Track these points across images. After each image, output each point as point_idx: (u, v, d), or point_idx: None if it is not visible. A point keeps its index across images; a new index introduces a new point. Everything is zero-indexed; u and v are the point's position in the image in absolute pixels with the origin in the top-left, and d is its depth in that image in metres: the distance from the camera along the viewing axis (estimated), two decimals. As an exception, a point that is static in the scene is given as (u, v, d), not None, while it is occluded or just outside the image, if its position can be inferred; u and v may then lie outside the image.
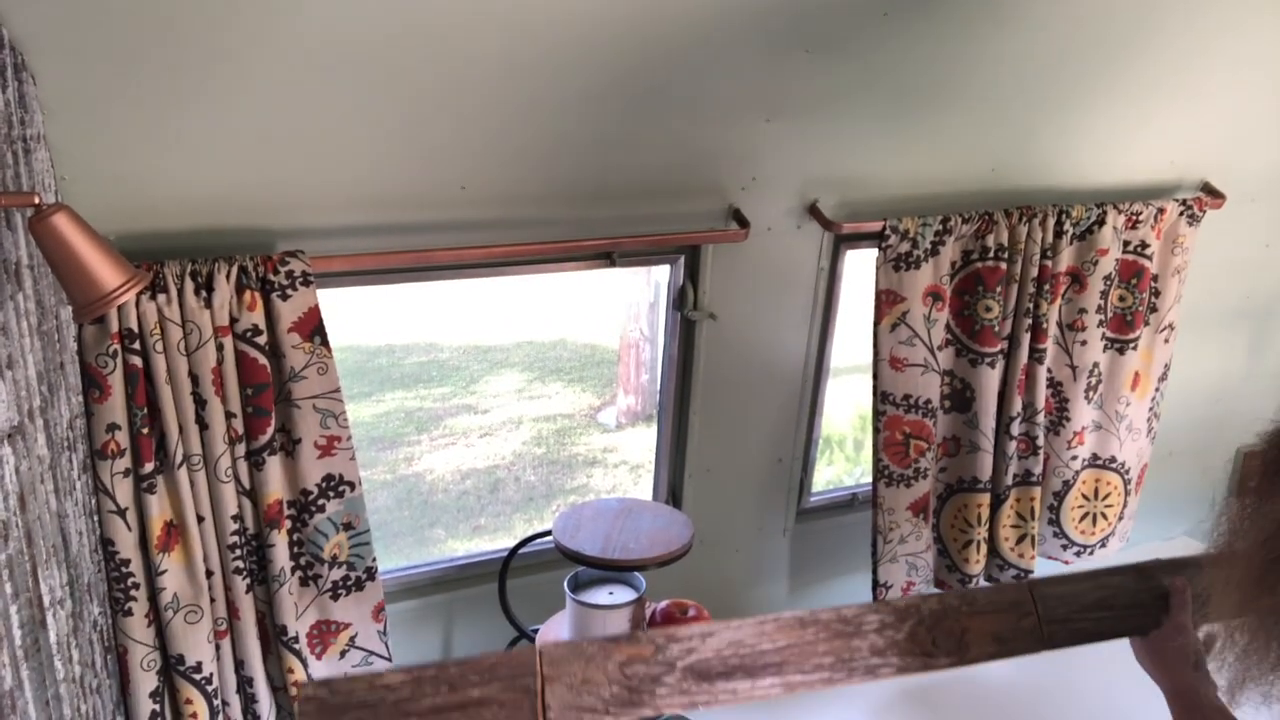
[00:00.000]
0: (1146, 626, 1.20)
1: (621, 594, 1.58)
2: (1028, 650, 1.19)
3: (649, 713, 1.09)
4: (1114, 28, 1.59)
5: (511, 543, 1.70)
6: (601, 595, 1.58)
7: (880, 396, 1.80)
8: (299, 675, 1.47)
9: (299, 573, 1.48)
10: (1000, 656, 1.19)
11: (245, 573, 1.40)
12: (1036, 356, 1.84)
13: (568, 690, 1.07)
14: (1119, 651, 2.10)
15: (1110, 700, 1.90)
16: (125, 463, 1.28)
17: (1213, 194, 1.97)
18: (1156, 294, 1.95)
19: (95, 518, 1.28)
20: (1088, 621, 1.21)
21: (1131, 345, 1.94)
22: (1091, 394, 1.94)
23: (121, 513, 1.29)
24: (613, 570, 1.58)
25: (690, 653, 1.10)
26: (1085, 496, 2.03)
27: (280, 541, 1.42)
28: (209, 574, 1.37)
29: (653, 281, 1.81)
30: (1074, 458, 1.97)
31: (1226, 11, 1.63)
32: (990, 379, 1.81)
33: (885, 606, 1.15)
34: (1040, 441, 1.92)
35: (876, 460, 1.83)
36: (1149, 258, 1.89)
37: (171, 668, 1.38)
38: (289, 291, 1.33)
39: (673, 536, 1.59)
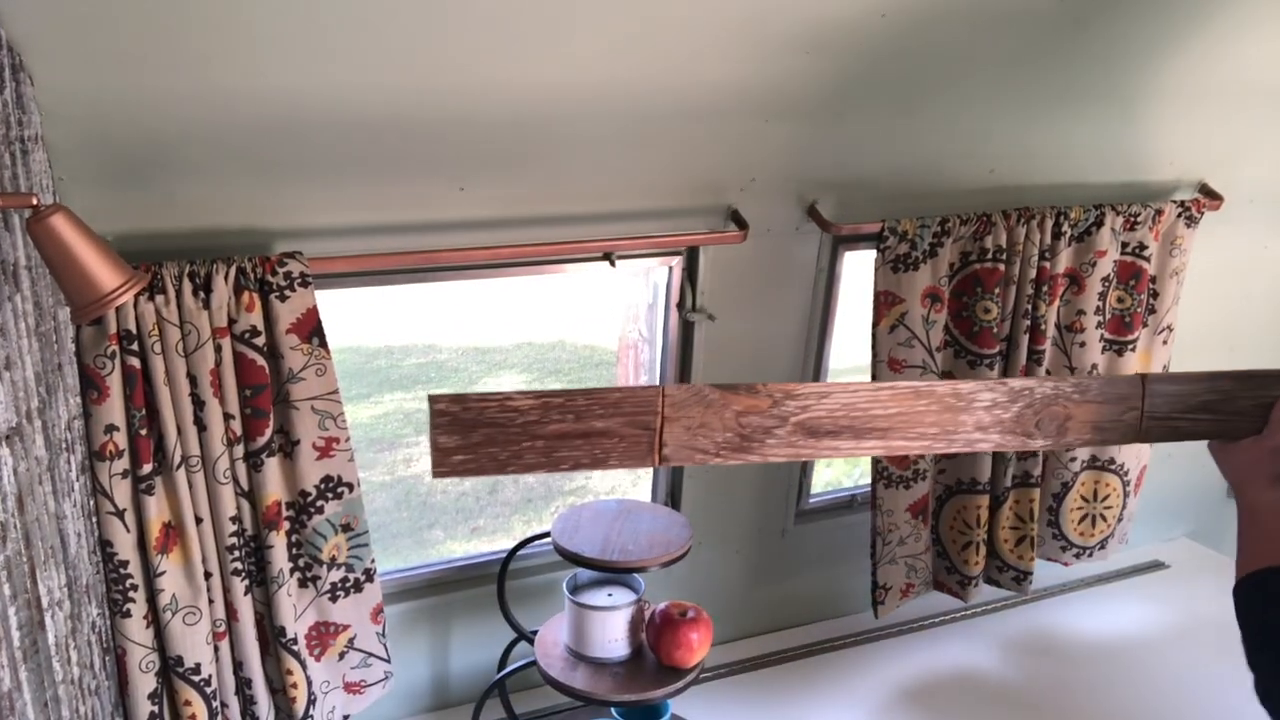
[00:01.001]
0: (1241, 434, 1.21)
1: (620, 595, 1.58)
2: (1120, 442, 1.24)
3: (755, 459, 1.14)
4: (1114, 28, 1.59)
5: (510, 544, 1.70)
6: (600, 597, 1.58)
7: (879, 398, 1.80)
8: (298, 677, 1.47)
9: (297, 574, 1.48)
10: (1093, 444, 1.23)
11: (244, 574, 1.40)
12: (1035, 358, 1.84)
13: (684, 431, 1.11)
14: (1119, 651, 2.11)
15: (1111, 700, 1.90)
16: (123, 464, 1.28)
17: (1211, 195, 1.97)
18: (1155, 295, 1.95)
19: (94, 519, 1.28)
20: (1187, 422, 1.23)
21: (1130, 347, 1.94)
22: (1090, 395, 1.94)
23: (120, 514, 1.29)
24: (612, 572, 1.58)
25: (804, 410, 1.13)
26: (1084, 498, 2.03)
27: (279, 543, 1.42)
28: (207, 575, 1.37)
29: (651, 282, 1.81)
30: (1073, 459, 1.97)
31: (1225, 12, 1.64)
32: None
33: (1001, 386, 1.18)
34: (1039, 443, 1.92)
35: (875, 461, 1.83)
36: (1147, 259, 1.89)
37: (170, 669, 1.38)
38: (287, 292, 1.32)
39: (672, 538, 1.59)
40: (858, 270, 1.86)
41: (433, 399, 1.04)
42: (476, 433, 1.05)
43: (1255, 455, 1.18)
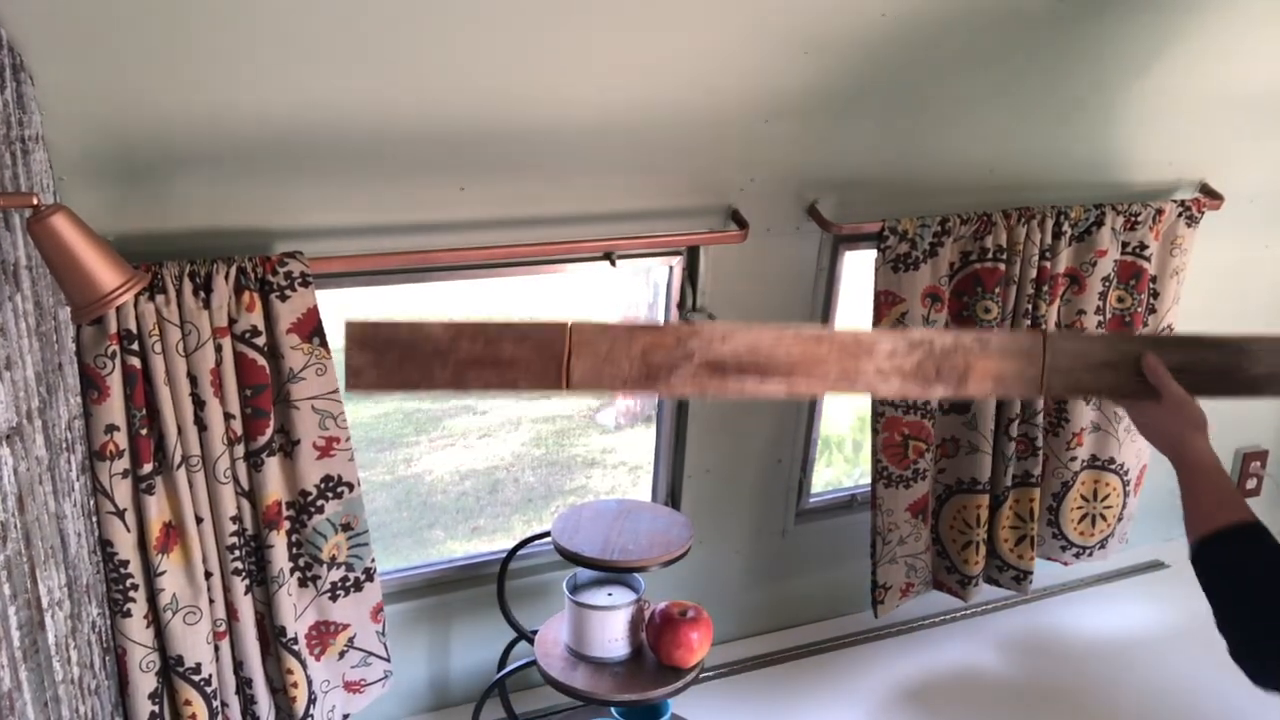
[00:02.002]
0: (1142, 394, 1.25)
1: (620, 595, 1.58)
2: (1023, 395, 1.28)
3: (662, 393, 1.19)
4: (1112, 29, 1.59)
5: (510, 544, 1.70)
6: (600, 596, 1.58)
7: (879, 398, 1.80)
8: (298, 676, 1.47)
9: (298, 574, 1.48)
10: (994, 396, 1.26)
11: (244, 574, 1.40)
12: (1035, 357, 1.84)
13: (591, 363, 1.16)
14: (1119, 651, 2.11)
15: (1111, 700, 1.90)
16: (124, 464, 1.28)
17: (1211, 195, 1.97)
18: (1155, 295, 1.95)
19: (94, 519, 1.28)
20: (1089, 377, 1.26)
21: (1130, 346, 1.94)
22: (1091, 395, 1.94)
23: (120, 514, 1.29)
24: (612, 571, 1.58)
25: (709, 349, 1.18)
26: (1084, 498, 2.03)
27: (279, 542, 1.42)
28: (208, 575, 1.37)
29: (652, 282, 1.81)
30: (1073, 459, 1.97)
31: (1225, 11, 1.64)
32: (989, 380, 1.81)
33: (900, 336, 1.22)
34: (1039, 443, 1.92)
35: (875, 461, 1.83)
36: (1147, 259, 1.89)
37: (170, 669, 1.38)
38: (288, 292, 1.32)
39: (672, 538, 1.59)
40: (858, 270, 1.86)
41: (349, 324, 1.10)
42: (389, 354, 1.11)
43: (1176, 411, 1.22)
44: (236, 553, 1.38)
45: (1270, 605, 1.04)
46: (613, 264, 1.60)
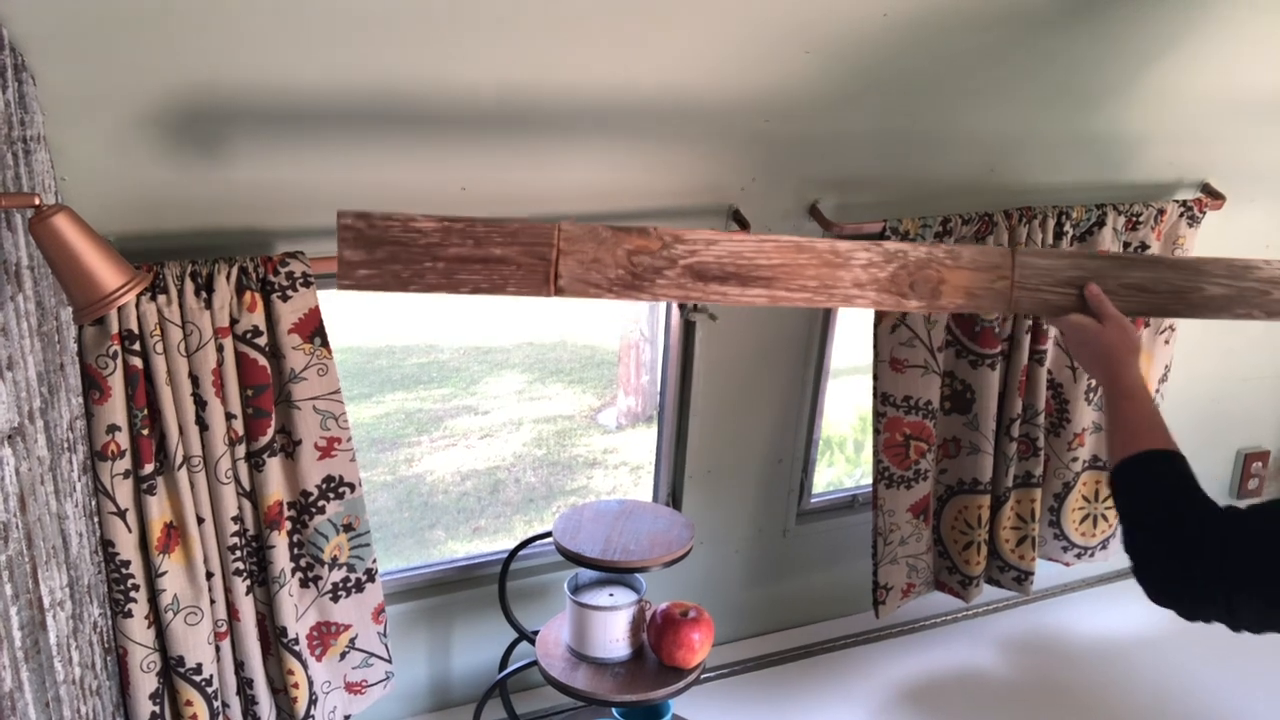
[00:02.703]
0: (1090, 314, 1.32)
1: (622, 595, 1.58)
2: (992, 309, 1.33)
3: (646, 298, 1.21)
4: (1111, 29, 1.59)
5: (512, 544, 1.70)
6: (602, 597, 1.58)
7: (880, 398, 1.80)
8: (299, 677, 1.47)
9: (299, 574, 1.48)
10: (965, 310, 1.33)
11: (245, 574, 1.40)
12: (1037, 358, 1.84)
13: (578, 265, 1.18)
14: (1119, 651, 2.11)
15: (1111, 700, 1.90)
16: (125, 464, 1.28)
17: (1213, 195, 1.97)
18: (1157, 295, 1.95)
19: (95, 519, 1.28)
20: (1055, 295, 1.33)
21: (1132, 346, 1.94)
22: (1092, 395, 1.94)
23: (121, 514, 1.29)
24: (613, 572, 1.58)
25: (693, 254, 1.21)
26: (1086, 498, 2.03)
27: (280, 543, 1.42)
28: (209, 575, 1.37)
29: (653, 283, 1.81)
30: (1074, 459, 1.97)
31: (1227, 11, 1.63)
32: (991, 380, 1.81)
33: (876, 247, 1.26)
34: (1041, 443, 1.92)
35: (877, 462, 1.83)
36: (1149, 259, 1.88)
37: (171, 669, 1.38)
38: (289, 292, 1.33)
39: (673, 538, 1.59)
40: (859, 270, 1.86)
41: (341, 214, 1.10)
42: (381, 249, 1.12)
43: (1117, 334, 1.26)
44: (238, 553, 1.38)
45: (1173, 528, 1.08)
46: (614, 264, 1.60)
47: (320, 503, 1.44)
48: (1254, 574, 1.00)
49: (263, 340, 1.33)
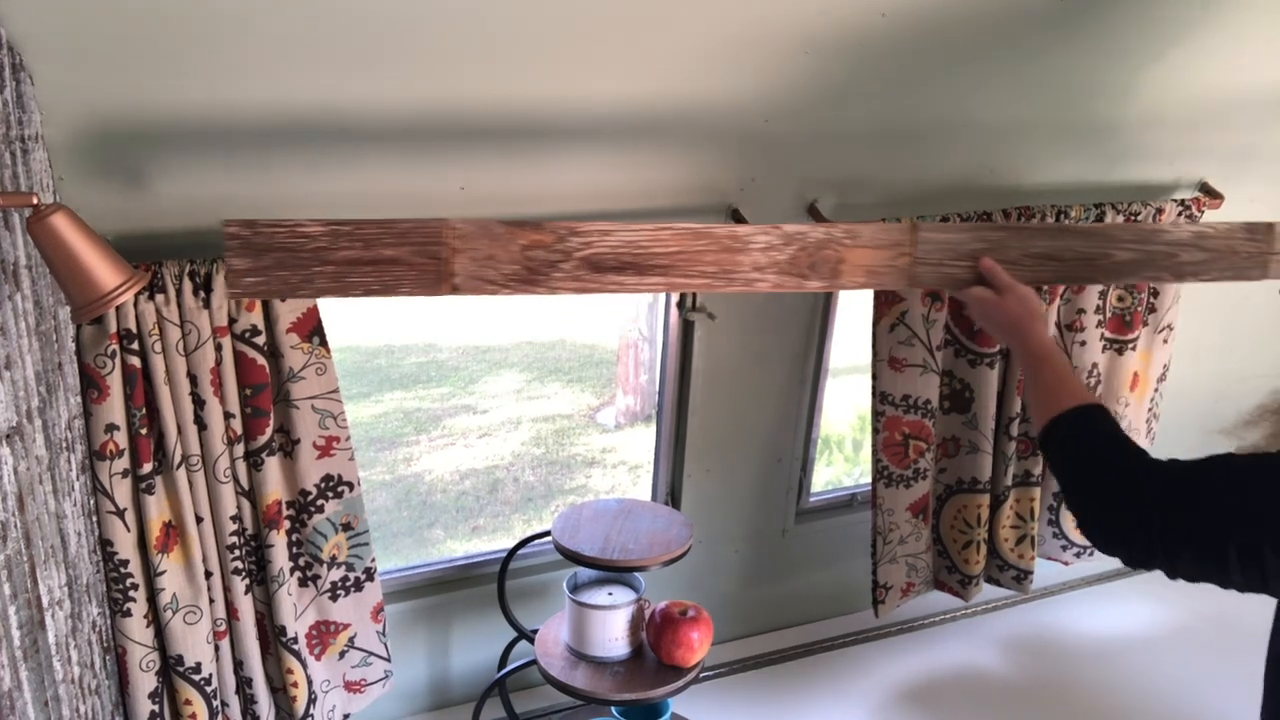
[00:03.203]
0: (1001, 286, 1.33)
1: (621, 594, 1.58)
2: (893, 285, 1.34)
3: (543, 292, 1.20)
4: (1111, 29, 1.59)
5: (510, 543, 1.70)
6: (601, 596, 1.58)
7: (879, 397, 1.80)
8: (298, 676, 1.47)
9: (298, 573, 1.48)
10: (867, 287, 1.33)
11: (244, 573, 1.40)
12: (1036, 357, 1.84)
13: (472, 262, 1.17)
14: (1119, 651, 2.11)
15: (1111, 700, 1.90)
16: (124, 463, 1.28)
17: (1211, 194, 1.97)
18: (1155, 294, 1.95)
19: (94, 518, 1.28)
20: (957, 269, 1.34)
21: (1130, 346, 1.94)
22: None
23: (120, 513, 1.29)
24: (612, 571, 1.58)
25: (588, 246, 1.21)
26: (1084, 497, 2.03)
27: (279, 542, 1.42)
28: (208, 574, 1.37)
29: (652, 282, 1.81)
30: (1073, 458, 1.97)
31: (1227, 10, 1.63)
32: (989, 379, 1.81)
33: (775, 230, 1.26)
34: (1039, 442, 1.92)
35: (876, 461, 1.83)
36: (1148, 258, 1.88)
37: (170, 668, 1.38)
38: (288, 292, 1.32)
39: (672, 537, 1.59)
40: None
41: (227, 223, 1.08)
42: (268, 256, 1.11)
43: (1018, 303, 1.29)
44: (236, 552, 1.38)
45: (1111, 478, 1.09)
46: (613, 263, 1.60)
47: (319, 502, 1.44)
48: (1184, 525, 1.01)
49: (261, 339, 1.33)
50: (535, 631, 1.64)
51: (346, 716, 1.60)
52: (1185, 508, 1.02)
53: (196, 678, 1.38)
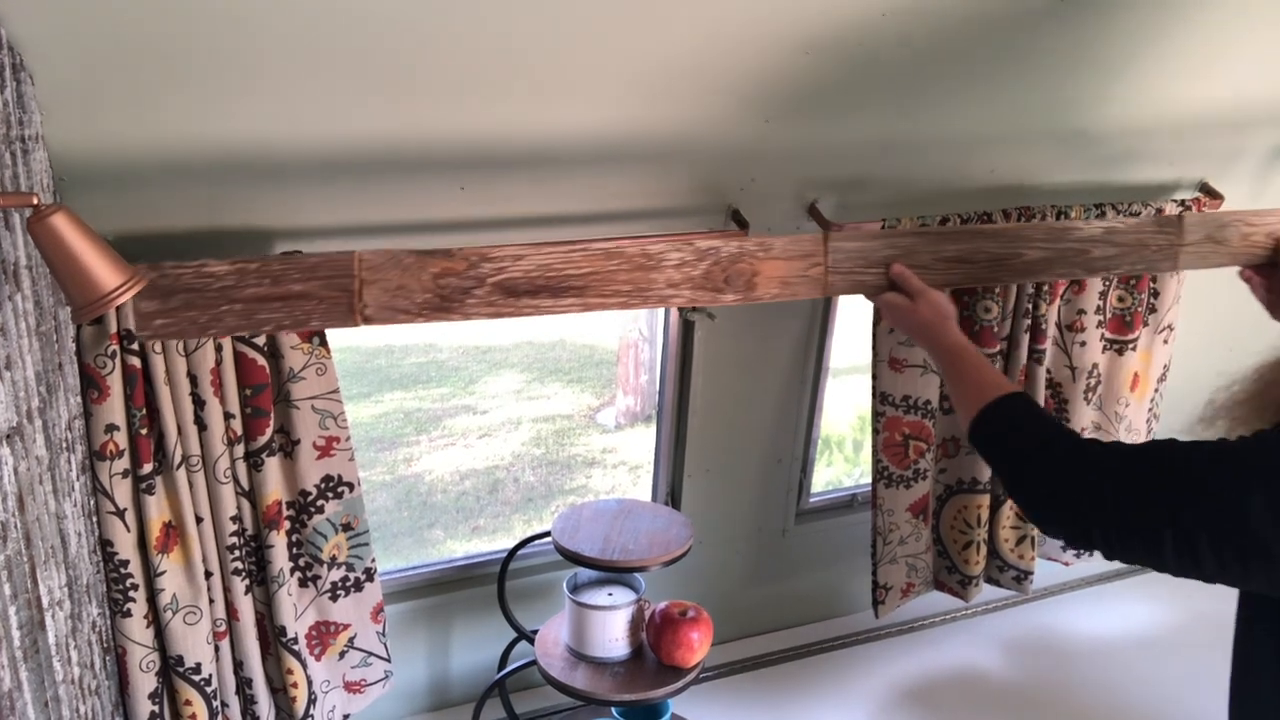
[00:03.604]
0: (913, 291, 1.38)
1: (621, 595, 1.58)
2: (808, 295, 1.37)
3: (457, 318, 1.21)
4: (1112, 29, 1.59)
5: (511, 543, 1.70)
6: (601, 596, 1.58)
7: (879, 397, 1.80)
8: (298, 676, 1.47)
9: (298, 574, 1.48)
10: (782, 298, 1.36)
11: (244, 574, 1.40)
12: (1036, 357, 1.84)
13: (383, 293, 1.18)
14: (1119, 651, 2.11)
15: (1111, 700, 1.90)
16: (124, 463, 1.28)
17: (1211, 194, 1.97)
18: (1155, 295, 1.95)
19: (94, 519, 1.28)
20: (870, 275, 1.37)
21: (1131, 346, 1.94)
22: (1091, 395, 1.94)
23: (120, 513, 1.29)
24: (612, 571, 1.58)
25: (501, 271, 1.22)
26: (1084, 497, 2.03)
27: (279, 542, 1.42)
28: (208, 575, 1.37)
29: (652, 282, 1.81)
30: (1073, 458, 1.97)
31: (1225, 11, 1.63)
32: (989, 380, 1.81)
33: (688, 246, 1.28)
34: (1039, 442, 1.92)
35: (876, 461, 1.83)
36: (1148, 258, 1.88)
37: (170, 669, 1.38)
38: (288, 292, 1.32)
39: (672, 537, 1.59)
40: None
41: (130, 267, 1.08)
42: (175, 298, 1.13)
43: (929, 306, 1.33)
44: (236, 553, 1.38)
45: (1049, 461, 1.10)
46: (613, 264, 1.60)
47: (319, 502, 1.44)
48: (1121, 506, 1.02)
49: (261, 340, 1.33)
50: (535, 632, 1.64)
51: (346, 717, 1.60)
52: (1123, 490, 1.02)
53: (196, 678, 1.38)
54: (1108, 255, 1.49)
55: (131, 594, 1.32)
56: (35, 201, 0.94)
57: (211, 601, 1.39)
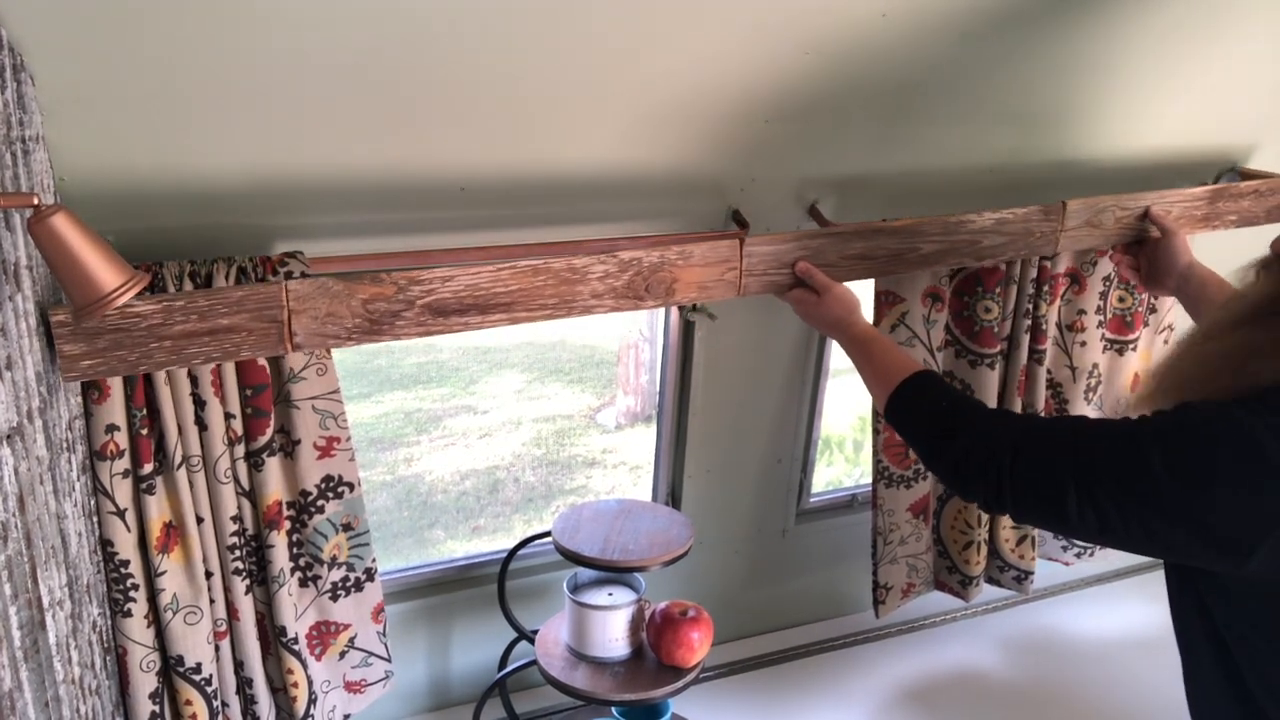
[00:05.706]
0: (835, 281, 1.46)
1: (621, 595, 1.59)
2: (724, 297, 1.45)
3: (388, 339, 1.26)
4: (1112, 29, 1.59)
5: (511, 543, 1.70)
6: (601, 596, 1.58)
7: (880, 397, 1.80)
8: (299, 676, 1.47)
9: (298, 574, 1.48)
10: (699, 300, 1.44)
11: (245, 574, 1.40)
12: (1036, 357, 1.84)
13: (312, 321, 1.21)
14: (1119, 651, 2.11)
15: (1111, 700, 1.90)
16: (124, 464, 1.28)
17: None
18: (1156, 296, 1.95)
19: (94, 519, 1.28)
20: (782, 276, 1.47)
21: (1131, 346, 1.94)
22: (1091, 395, 1.94)
23: (121, 514, 1.29)
24: (612, 571, 1.58)
25: (430, 294, 1.26)
26: (1085, 497, 2.03)
27: (280, 542, 1.42)
28: (208, 575, 1.37)
29: (652, 282, 1.81)
30: (1073, 458, 1.97)
31: (1226, 12, 1.63)
32: (990, 380, 1.81)
33: (612, 259, 1.34)
34: (1040, 442, 1.92)
35: (876, 461, 1.83)
36: (1148, 258, 1.88)
37: (171, 669, 1.38)
38: (288, 292, 1.32)
39: (672, 537, 1.59)
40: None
41: (52, 310, 1.10)
42: (102, 339, 1.13)
43: (835, 301, 1.42)
44: (237, 553, 1.38)
45: (963, 430, 1.15)
46: (613, 264, 1.60)
47: (319, 502, 1.44)
48: (1028, 472, 1.06)
49: (262, 340, 1.33)
50: (535, 632, 1.64)
51: (347, 717, 1.60)
52: (1029, 450, 1.07)
53: (197, 678, 1.38)
54: (995, 244, 1.61)
55: (132, 594, 1.32)
56: (36, 202, 0.94)
57: (212, 601, 1.39)
